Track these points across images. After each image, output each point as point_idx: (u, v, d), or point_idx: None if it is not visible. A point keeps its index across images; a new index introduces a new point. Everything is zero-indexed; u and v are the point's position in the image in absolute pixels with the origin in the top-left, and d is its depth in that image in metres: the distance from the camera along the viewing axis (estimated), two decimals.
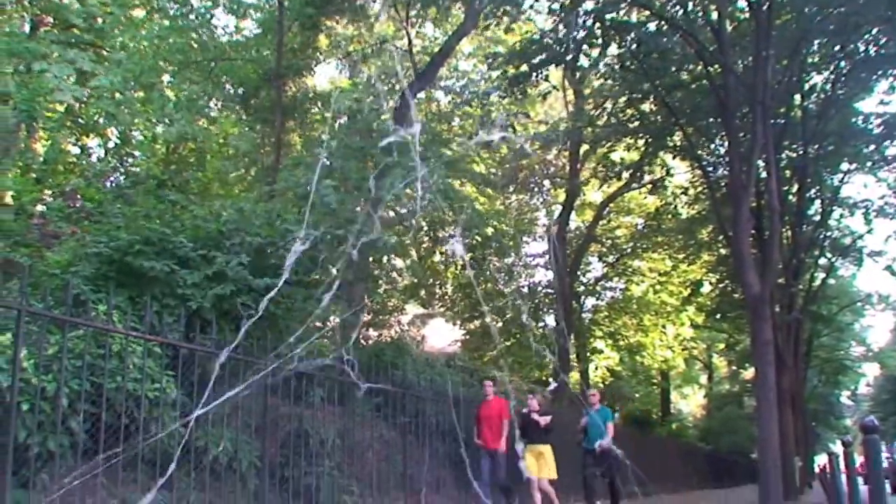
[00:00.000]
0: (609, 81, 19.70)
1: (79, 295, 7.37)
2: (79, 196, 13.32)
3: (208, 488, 7.36)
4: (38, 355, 6.09)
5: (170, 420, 6.98)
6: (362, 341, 16.12)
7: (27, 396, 5.91)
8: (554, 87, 19.97)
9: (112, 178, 15.32)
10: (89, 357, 6.47)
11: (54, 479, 5.95)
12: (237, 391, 5.16)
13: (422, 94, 20.30)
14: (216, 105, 21.19)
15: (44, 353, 6.14)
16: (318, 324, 9.42)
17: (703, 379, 49.14)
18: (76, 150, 17.04)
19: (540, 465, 11.34)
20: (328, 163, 14.01)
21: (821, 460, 34.58)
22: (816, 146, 18.78)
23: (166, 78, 19.16)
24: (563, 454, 12.67)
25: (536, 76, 16.71)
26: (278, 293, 8.75)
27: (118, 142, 16.90)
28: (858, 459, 13.37)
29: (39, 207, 13.42)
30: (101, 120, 15.90)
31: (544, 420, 11.52)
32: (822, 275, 24.98)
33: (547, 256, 29.27)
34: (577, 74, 23.27)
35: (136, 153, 16.97)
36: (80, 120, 15.70)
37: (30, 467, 5.88)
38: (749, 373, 36.76)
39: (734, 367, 44.34)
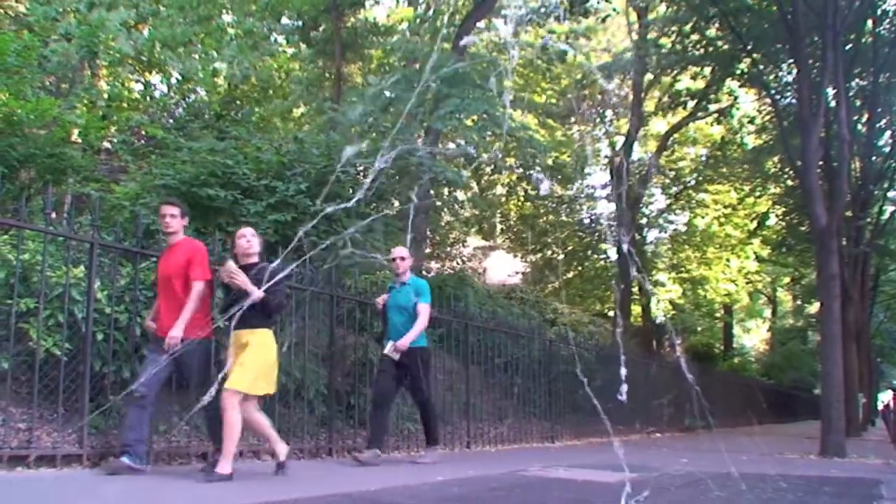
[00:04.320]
0: (674, 6, 19.13)
1: (148, 226, 7.52)
2: (143, 132, 13.50)
3: (277, 415, 7.55)
4: (110, 286, 6.24)
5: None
6: (424, 272, 16.24)
7: (101, 327, 6.08)
8: (614, 10, 19.43)
9: (174, 113, 15.47)
10: None
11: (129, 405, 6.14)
12: None
13: (481, 24, 19.92)
14: (275, 39, 21.16)
15: (116, 284, 6.28)
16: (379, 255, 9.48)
17: (767, 313, 48.55)
18: (139, 87, 17.22)
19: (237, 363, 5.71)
20: (387, 94, 13.98)
21: (885, 397, 34.08)
22: (888, 74, 18.07)
23: (226, 17, 19.15)
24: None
25: None
26: (339, 224, 8.85)
27: (180, 78, 17.04)
28: None
29: (106, 144, 13.65)
30: (161, 57, 16.02)
31: (232, 277, 5.68)
32: (890, 208, 24.19)
33: (609, 188, 28.99)
34: None
35: (199, 89, 17.09)
36: (142, 57, 15.83)
37: (106, 395, 6.07)
38: (814, 307, 36.11)
39: (799, 302, 43.59)
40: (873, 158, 20.60)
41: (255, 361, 5.66)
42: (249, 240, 5.98)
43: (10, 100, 9.46)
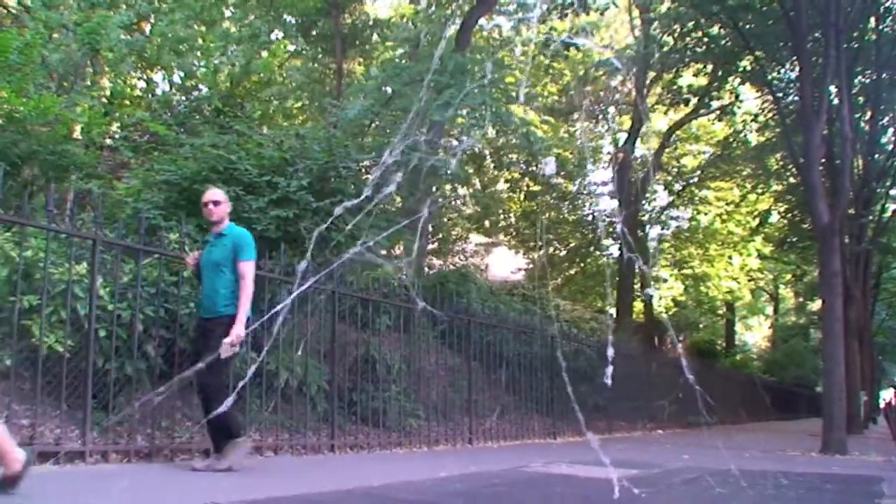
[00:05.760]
0: (676, 3, 19.11)
1: (153, 222, 7.54)
2: (146, 127, 13.52)
3: (280, 411, 7.57)
4: (113, 283, 6.24)
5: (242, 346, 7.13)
6: (426, 269, 16.24)
7: (104, 323, 6.08)
8: (615, 4, 19.39)
9: (175, 110, 15.48)
10: (162, 284, 6.64)
11: (131, 401, 6.15)
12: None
13: (483, 21, 19.91)
14: (276, 37, 21.21)
15: (119, 281, 6.29)
16: (383, 252, 9.51)
17: (769, 310, 48.54)
18: (142, 84, 17.23)
19: None
20: (388, 89, 13.99)
21: (886, 395, 34.04)
22: (891, 71, 18.02)
23: (228, 14, 19.17)
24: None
25: None
26: (341, 220, 8.85)
27: (182, 75, 17.06)
28: None
29: (108, 140, 13.66)
30: (164, 56, 16.04)
31: None
32: (893, 206, 24.13)
33: (611, 185, 28.99)
34: None
35: (201, 86, 17.11)
36: (144, 54, 15.85)
37: (108, 391, 6.08)
38: (816, 305, 36.03)
39: (801, 299, 43.56)
40: (876, 156, 20.57)
41: None
42: None
43: (12, 97, 9.47)
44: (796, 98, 16.64)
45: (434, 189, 13.08)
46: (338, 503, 4.44)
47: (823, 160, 15.13)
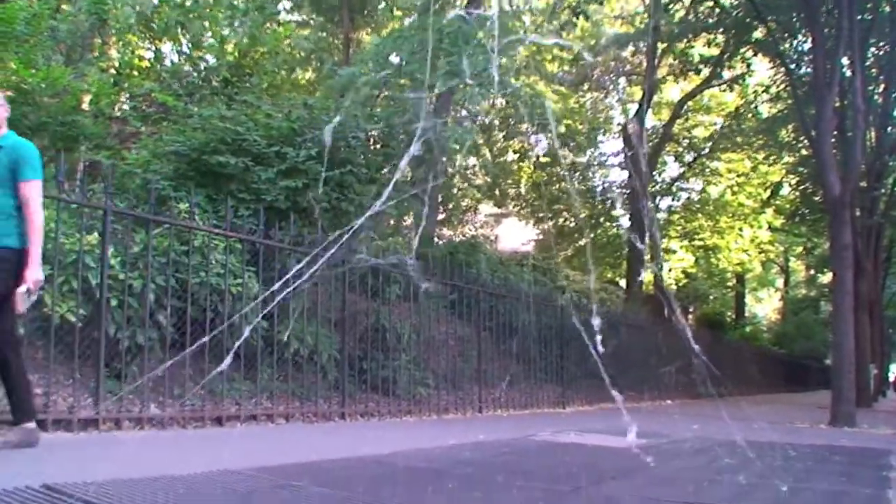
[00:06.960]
0: None
1: (162, 192, 7.55)
2: (154, 97, 13.51)
3: (291, 379, 7.62)
4: (124, 253, 6.27)
5: (252, 314, 7.18)
6: (436, 239, 16.23)
7: (115, 293, 6.12)
8: None
9: (183, 80, 15.43)
10: (173, 254, 6.66)
11: (144, 370, 6.20)
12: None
13: None
14: (285, 9, 21.08)
15: (130, 251, 6.32)
16: (391, 221, 9.52)
17: (780, 283, 48.43)
18: (150, 55, 17.16)
19: None
20: (393, 59, 13.89)
21: None
22: None
23: None
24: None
25: None
26: (350, 190, 8.87)
27: (190, 46, 16.98)
28: None
29: (117, 111, 13.65)
30: (171, 26, 15.96)
31: None
32: None
33: (622, 155, 28.85)
34: None
35: (209, 57, 17.05)
36: (153, 24, 15.78)
37: (121, 360, 6.14)
38: (827, 277, 35.95)
39: (811, 272, 43.44)
40: (889, 129, 20.39)
41: None
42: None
43: (20, 68, 9.46)
44: (809, 70, 16.50)
45: (444, 159, 13.02)
46: (348, 470, 4.47)
47: (835, 132, 15.03)
